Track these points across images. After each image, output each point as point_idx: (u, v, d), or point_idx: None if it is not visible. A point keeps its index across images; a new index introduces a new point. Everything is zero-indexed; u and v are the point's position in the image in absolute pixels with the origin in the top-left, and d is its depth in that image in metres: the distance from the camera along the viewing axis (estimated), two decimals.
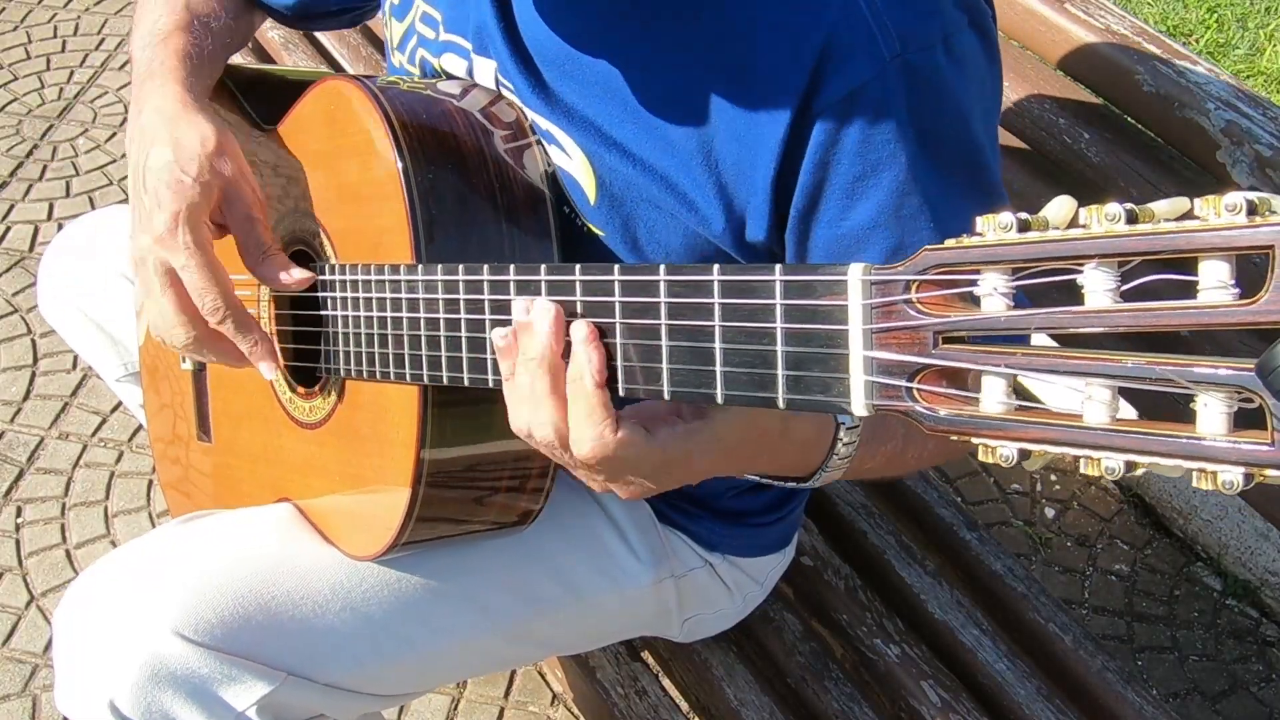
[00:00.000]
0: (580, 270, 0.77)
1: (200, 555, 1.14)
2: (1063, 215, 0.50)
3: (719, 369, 0.69)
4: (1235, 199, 0.45)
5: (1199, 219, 0.46)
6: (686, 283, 0.70)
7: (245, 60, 2.15)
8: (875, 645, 1.47)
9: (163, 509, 2.21)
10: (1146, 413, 0.52)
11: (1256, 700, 2.00)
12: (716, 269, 0.69)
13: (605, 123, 1.02)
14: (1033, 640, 1.49)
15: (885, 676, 1.44)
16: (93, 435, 2.34)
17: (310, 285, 1.09)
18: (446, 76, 1.15)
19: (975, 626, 1.48)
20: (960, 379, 0.57)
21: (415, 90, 1.09)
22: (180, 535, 1.18)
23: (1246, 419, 0.47)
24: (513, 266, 0.83)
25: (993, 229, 0.53)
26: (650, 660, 1.54)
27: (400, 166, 1.00)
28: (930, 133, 0.93)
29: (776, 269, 0.65)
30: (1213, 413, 0.47)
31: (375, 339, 0.99)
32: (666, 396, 0.72)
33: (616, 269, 0.75)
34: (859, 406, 0.61)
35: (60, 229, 2.02)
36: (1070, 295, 0.51)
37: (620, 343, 0.75)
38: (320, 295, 1.08)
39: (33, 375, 2.45)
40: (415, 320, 0.93)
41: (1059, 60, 1.51)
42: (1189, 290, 0.47)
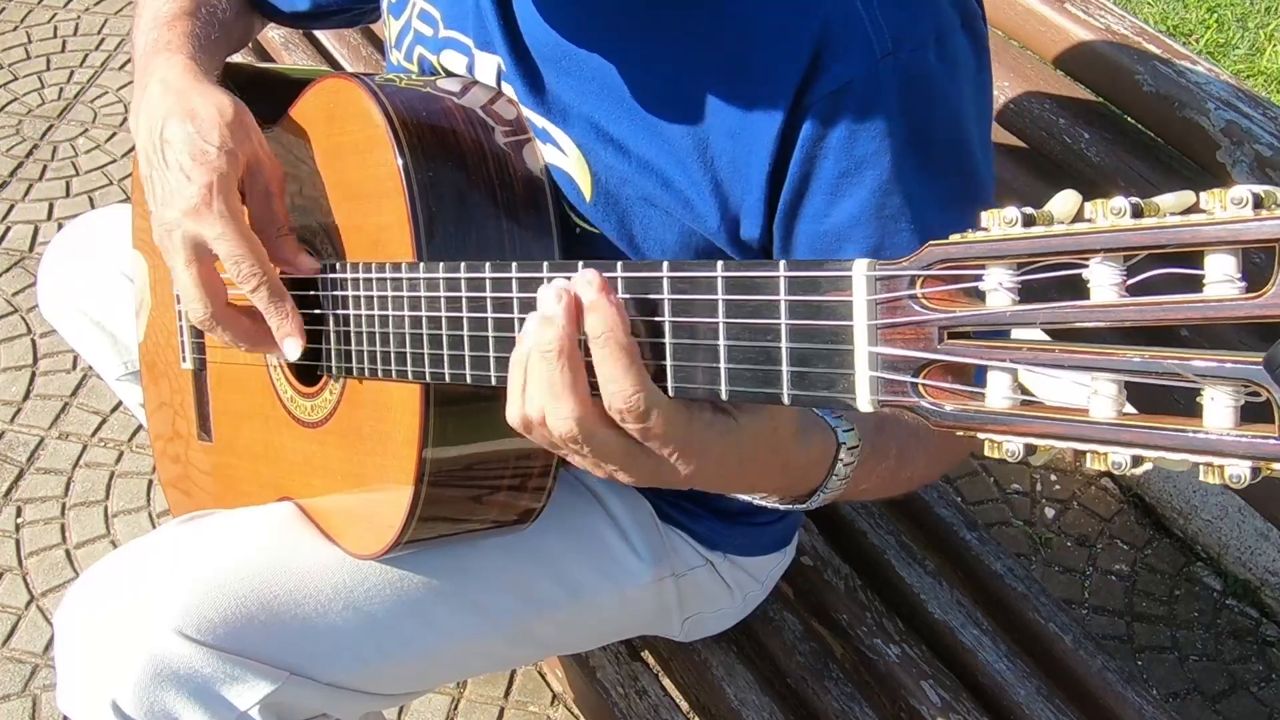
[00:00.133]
0: (583, 267, 0.76)
1: (202, 555, 1.13)
2: (1068, 210, 0.50)
3: (723, 365, 0.69)
4: (1241, 192, 0.45)
5: (1205, 212, 0.46)
6: (689, 279, 0.70)
7: (245, 59, 2.15)
8: (875, 645, 1.47)
9: (163, 509, 2.21)
10: (1144, 409, 0.52)
11: (1256, 700, 2.00)
12: (720, 265, 0.68)
13: (602, 119, 1.02)
14: (1033, 640, 1.49)
15: (885, 676, 1.44)
16: (93, 435, 2.34)
17: (311, 283, 1.09)
18: (446, 74, 1.15)
19: (975, 626, 1.48)
20: (965, 374, 0.57)
21: (415, 87, 1.08)
22: (181, 535, 1.18)
23: (1253, 413, 0.47)
24: (514, 264, 0.83)
25: (997, 224, 0.53)
26: (650, 660, 1.54)
27: (400, 164, 1.00)
28: (919, 133, 0.93)
29: (780, 265, 0.65)
30: (1219, 406, 0.47)
31: (376, 337, 0.98)
32: (670, 393, 0.72)
33: (619, 266, 0.75)
34: (864, 402, 0.61)
35: (60, 229, 2.02)
36: (1075, 292, 0.51)
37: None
38: (321, 293, 1.08)
39: (33, 375, 2.45)
40: (416, 318, 0.93)
41: (1059, 60, 1.51)
42: (1195, 285, 0.47)
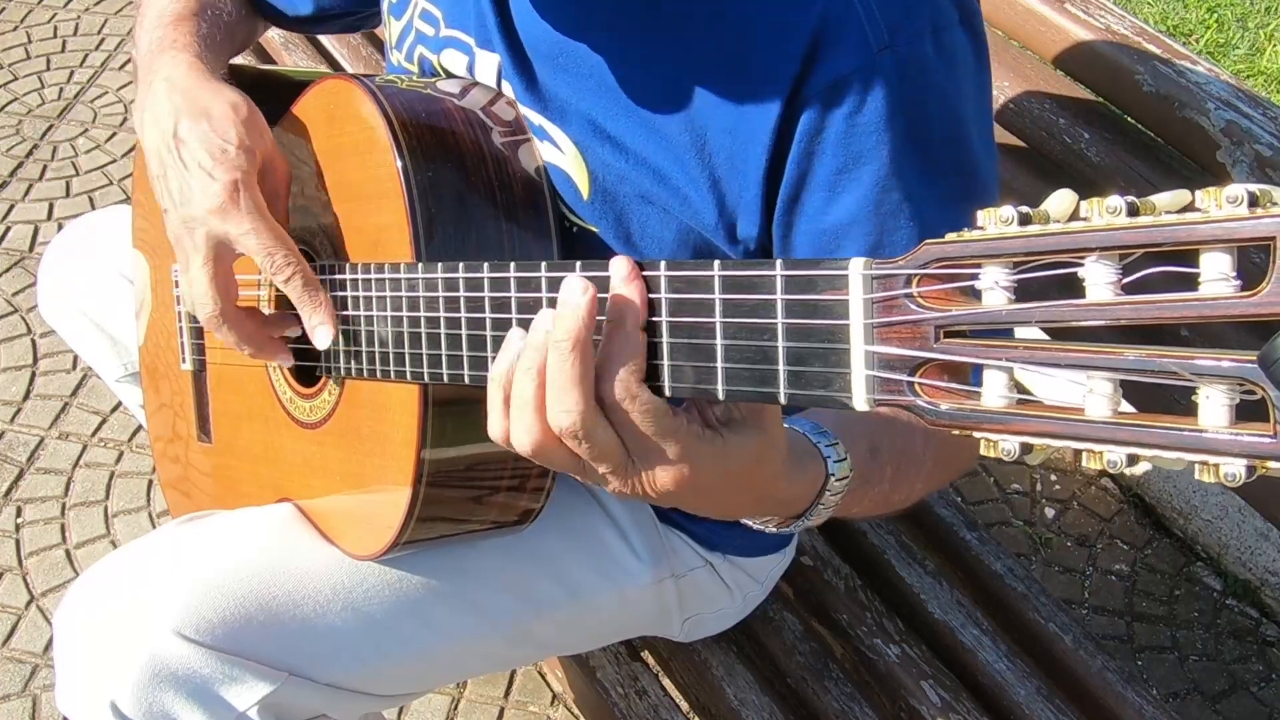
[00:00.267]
0: (580, 267, 0.76)
1: (201, 555, 1.13)
2: (1064, 209, 0.50)
3: (719, 365, 0.69)
4: (1236, 190, 0.45)
5: (1200, 211, 0.46)
6: (686, 278, 0.70)
7: (245, 61, 2.15)
8: (875, 645, 1.47)
9: (163, 509, 2.21)
10: (1140, 408, 0.52)
11: (1256, 700, 2.00)
12: (717, 264, 0.68)
13: (599, 117, 1.02)
14: (1033, 640, 1.49)
15: (885, 676, 1.44)
16: (93, 435, 2.34)
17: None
18: (446, 74, 1.15)
19: (975, 626, 1.48)
20: (962, 373, 0.57)
21: (414, 89, 1.09)
22: (181, 535, 1.18)
23: (1248, 411, 0.47)
24: (513, 264, 0.82)
25: (994, 222, 0.53)
26: (650, 660, 1.54)
27: (400, 165, 1.00)
28: (917, 128, 0.93)
29: (777, 264, 0.65)
30: (1215, 405, 0.47)
31: (375, 337, 0.98)
32: (667, 393, 0.72)
33: None
34: (860, 402, 0.61)
35: (60, 229, 2.02)
36: (1071, 291, 0.51)
37: None
38: None
39: (33, 375, 2.45)
40: (415, 319, 0.93)
41: (1059, 60, 1.51)
42: (1190, 284, 0.47)
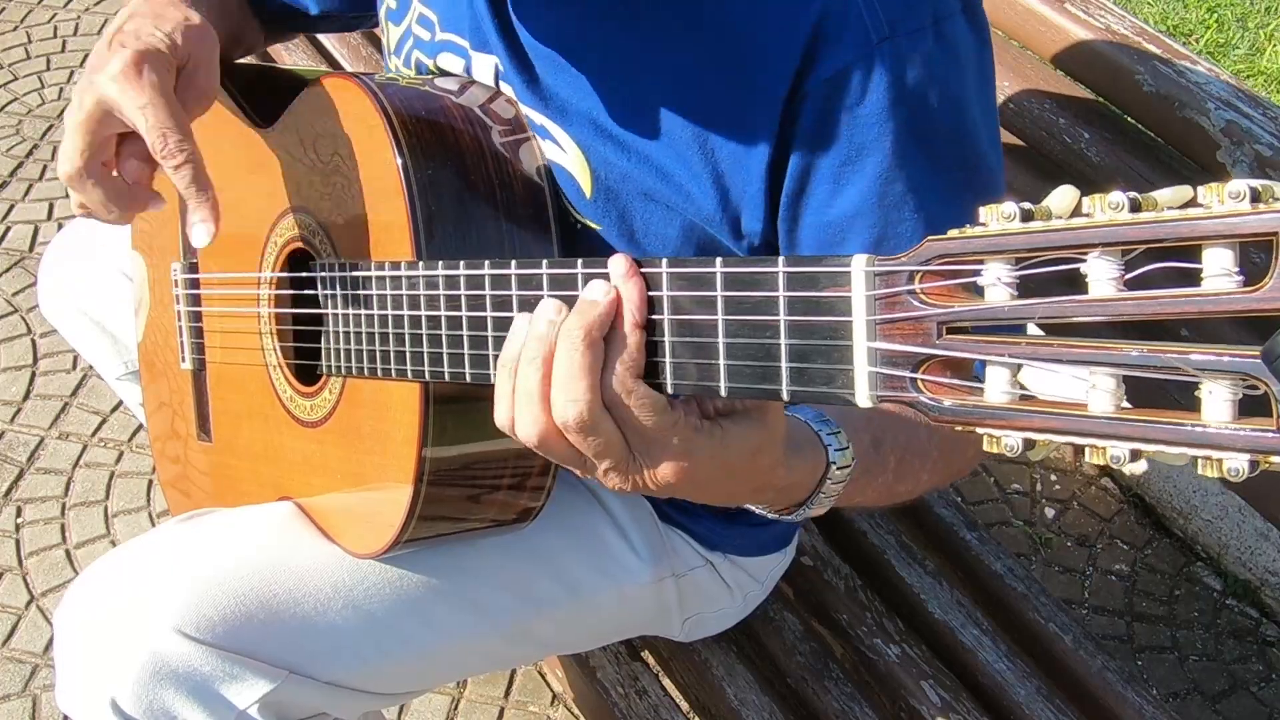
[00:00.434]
0: (582, 264, 0.76)
1: (201, 553, 1.13)
2: (1066, 205, 0.51)
3: (722, 362, 0.69)
4: (1238, 186, 0.45)
5: (1202, 206, 0.46)
6: (689, 275, 0.70)
7: (246, 60, 2.15)
8: (875, 645, 1.47)
9: (163, 509, 2.21)
10: (1140, 405, 0.52)
11: (1256, 700, 2.00)
12: (719, 262, 0.69)
13: (600, 115, 1.02)
14: (1033, 640, 1.49)
15: (885, 676, 1.44)
16: (93, 435, 2.34)
17: (310, 281, 1.09)
18: (443, 75, 1.14)
19: (975, 626, 1.48)
20: (965, 369, 0.57)
21: (413, 86, 1.08)
22: (181, 533, 1.17)
23: (1249, 406, 0.47)
24: (514, 262, 0.83)
25: (996, 219, 0.53)
26: (650, 660, 1.54)
27: (400, 163, 1.00)
28: (919, 119, 0.93)
29: (779, 261, 0.65)
30: (1217, 400, 0.47)
31: (376, 336, 0.98)
32: (669, 390, 0.72)
33: None
34: (863, 398, 0.61)
35: (60, 229, 2.02)
36: (1073, 287, 0.51)
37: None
38: (321, 293, 1.08)
39: (33, 375, 2.45)
40: (416, 317, 0.93)
41: (1059, 60, 1.51)
42: (1192, 280, 0.47)
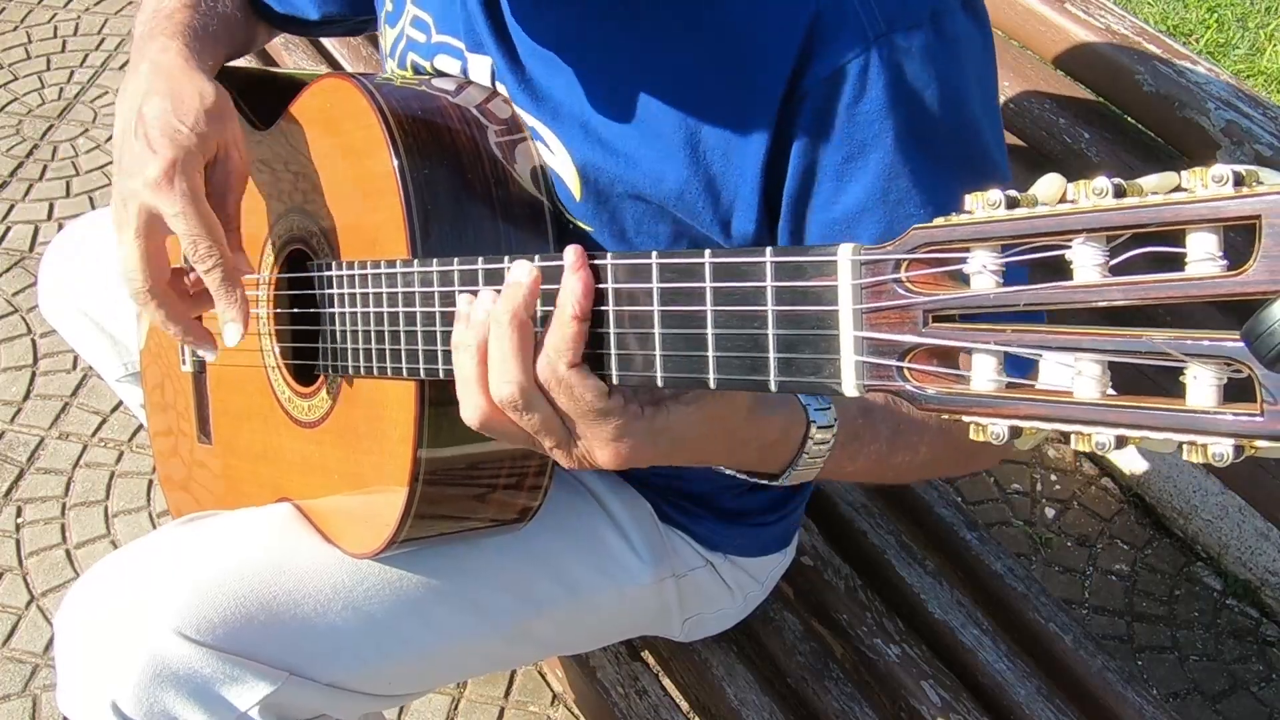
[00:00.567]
0: (540, 257, 0.77)
1: (202, 555, 1.13)
2: (1052, 192, 0.51)
3: (711, 354, 0.69)
4: (1222, 170, 0.45)
5: (1186, 191, 0.46)
6: (678, 267, 0.70)
7: (245, 61, 2.16)
8: (875, 645, 1.47)
9: (163, 509, 2.21)
10: (1123, 392, 0.52)
11: (1256, 700, 1.99)
12: (708, 253, 0.69)
13: (589, 117, 1.01)
14: (1033, 640, 1.48)
15: (885, 676, 1.44)
16: (93, 435, 2.34)
17: (308, 282, 1.09)
18: (440, 76, 1.14)
19: (975, 626, 1.48)
20: (951, 358, 0.57)
21: (410, 86, 1.09)
22: (181, 535, 1.17)
23: (1232, 393, 0.47)
24: (507, 258, 0.83)
25: (981, 206, 0.53)
26: (650, 660, 1.54)
27: (396, 163, 1.00)
28: (919, 114, 0.93)
29: (767, 251, 0.65)
30: (1202, 385, 0.47)
31: (372, 335, 0.98)
32: (660, 383, 0.72)
33: (609, 256, 0.75)
34: (850, 387, 0.61)
35: (60, 229, 2.02)
36: (1059, 275, 0.51)
37: (614, 331, 0.75)
38: (318, 292, 1.08)
39: (33, 375, 2.45)
40: (411, 315, 0.93)
41: (1059, 60, 1.51)
42: (1177, 265, 0.47)
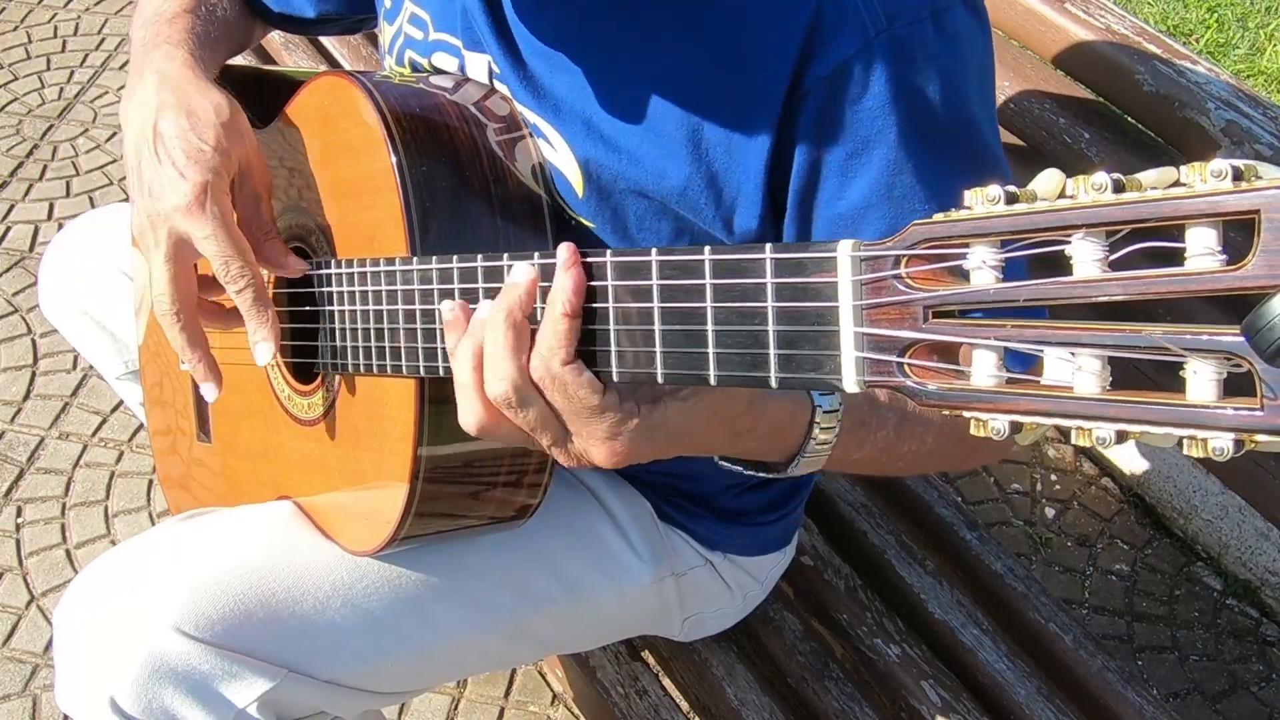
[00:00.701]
0: (532, 256, 0.77)
1: (201, 552, 1.13)
2: (1051, 188, 0.51)
3: (711, 350, 0.69)
4: (1221, 165, 0.45)
5: (1185, 186, 0.46)
6: (678, 264, 0.70)
7: (243, 60, 2.16)
8: (875, 645, 1.47)
9: (163, 508, 2.21)
10: (1121, 387, 0.52)
11: (1256, 700, 1.99)
12: (708, 250, 0.69)
13: (593, 114, 1.01)
14: (1033, 640, 1.48)
15: (885, 676, 1.44)
16: (93, 435, 2.34)
17: (306, 280, 1.09)
18: (438, 73, 1.14)
19: (975, 626, 1.48)
20: (951, 353, 0.57)
21: (408, 84, 1.09)
22: (181, 532, 1.17)
23: (1233, 385, 0.47)
24: (506, 255, 0.83)
25: (981, 202, 0.53)
26: (650, 660, 1.54)
27: (394, 160, 1.00)
28: (921, 109, 0.93)
29: (767, 248, 0.65)
30: (1202, 379, 0.47)
31: (372, 333, 0.99)
32: (660, 379, 0.72)
33: (609, 253, 0.75)
34: (850, 383, 0.61)
35: (60, 229, 2.02)
36: (1059, 270, 0.51)
37: (614, 328, 0.75)
38: (316, 290, 1.08)
39: (33, 375, 2.45)
40: (410, 312, 0.93)
41: (1059, 60, 1.51)
42: (1176, 260, 0.47)
